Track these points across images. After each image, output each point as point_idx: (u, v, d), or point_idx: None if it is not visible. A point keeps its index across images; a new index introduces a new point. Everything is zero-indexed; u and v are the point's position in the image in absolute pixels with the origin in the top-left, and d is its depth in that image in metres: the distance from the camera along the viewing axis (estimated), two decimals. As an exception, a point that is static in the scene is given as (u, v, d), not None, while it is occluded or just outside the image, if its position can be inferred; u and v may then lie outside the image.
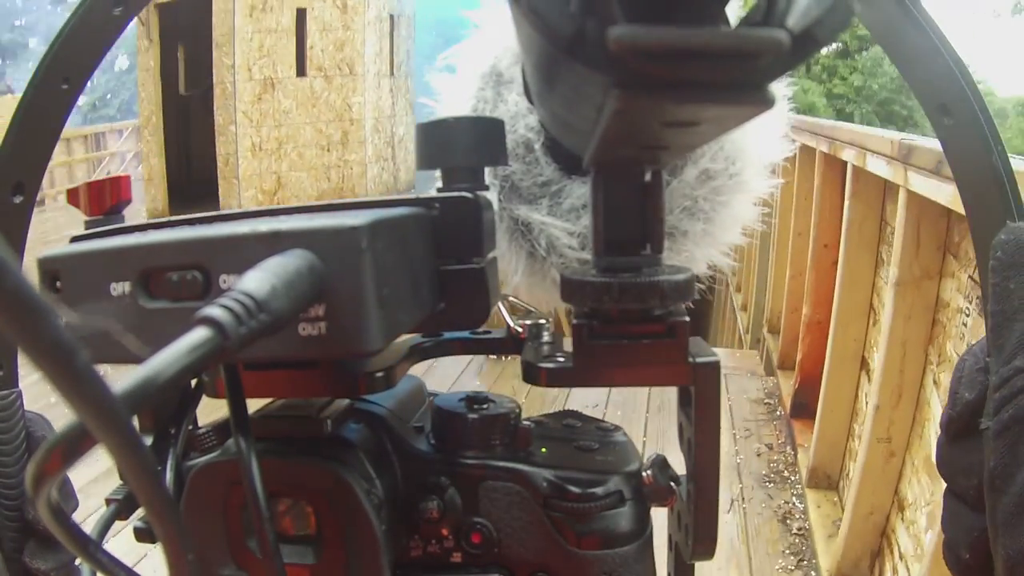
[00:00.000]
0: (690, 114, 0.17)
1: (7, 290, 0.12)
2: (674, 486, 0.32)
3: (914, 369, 1.58)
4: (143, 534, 0.32)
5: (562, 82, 0.18)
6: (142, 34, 7.78)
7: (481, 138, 0.29)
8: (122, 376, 0.15)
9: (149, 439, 0.33)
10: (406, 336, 0.34)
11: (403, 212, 0.26)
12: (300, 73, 7.68)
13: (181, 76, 8.20)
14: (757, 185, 0.36)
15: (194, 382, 0.33)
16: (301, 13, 7.57)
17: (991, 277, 0.30)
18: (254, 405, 0.29)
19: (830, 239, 2.32)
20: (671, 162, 0.33)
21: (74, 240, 0.27)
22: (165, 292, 0.22)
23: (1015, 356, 0.28)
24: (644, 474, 0.32)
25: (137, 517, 0.32)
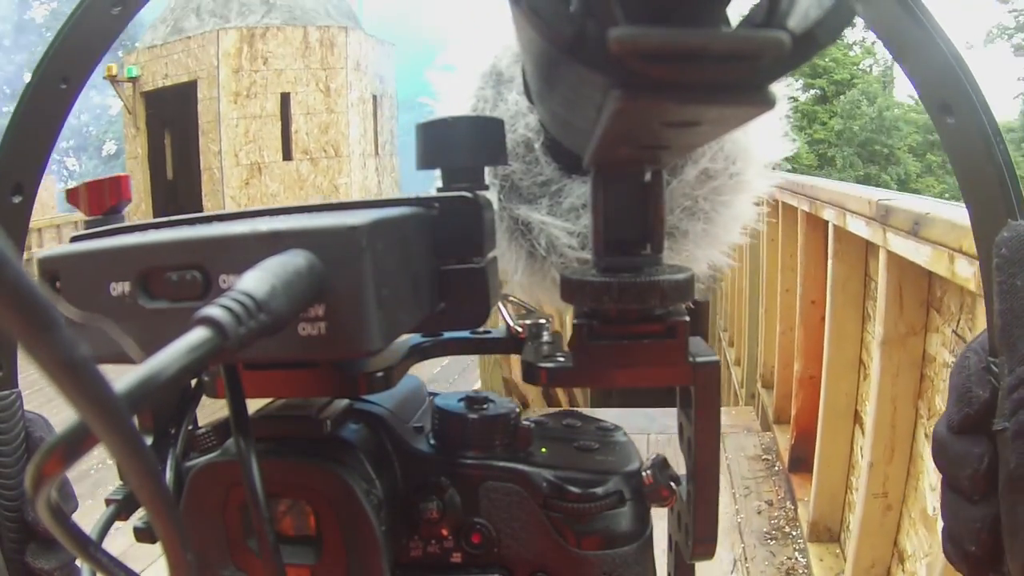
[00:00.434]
0: (691, 115, 0.17)
1: (8, 287, 0.12)
2: (674, 486, 0.32)
3: (905, 424, 1.59)
4: (143, 534, 0.32)
5: (562, 82, 0.18)
6: (129, 122, 7.87)
7: (481, 137, 0.29)
8: (122, 376, 0.15)
9: (149, 439, 0.33)
10: (406, 336, 0.34)
11: (403, 212, 0.26)
12: (286, 157, 7.67)
13: (168, 162, 8.12)
14: (758, 185, 0.36)
15: (194, 382, 0.33)
16: (285, 97, 7.58)
17: (996, 275, 0.30)
18: (254, 405, 0.29)
19: (817, 296, 2.30)
20: (671, 162, 0.33)
21: (74, 240, 0.27)
22: (165, 292, 0.22)
23: None
24: (644, 474, 0.32)
25: (138, 517, 0.32)
